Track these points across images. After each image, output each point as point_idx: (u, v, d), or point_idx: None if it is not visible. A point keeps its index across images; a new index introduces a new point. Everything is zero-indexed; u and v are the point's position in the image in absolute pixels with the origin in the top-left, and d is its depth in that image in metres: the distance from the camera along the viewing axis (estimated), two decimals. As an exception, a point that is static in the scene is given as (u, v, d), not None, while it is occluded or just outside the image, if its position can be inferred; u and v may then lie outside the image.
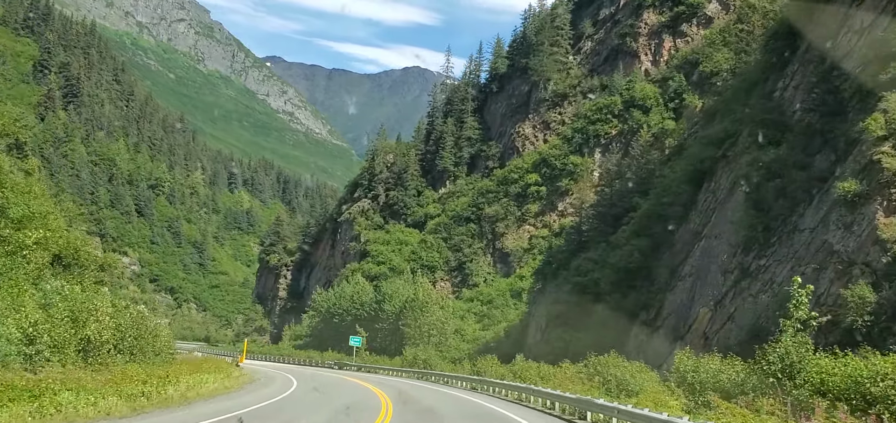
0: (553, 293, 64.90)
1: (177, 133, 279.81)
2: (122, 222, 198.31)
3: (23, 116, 64.81)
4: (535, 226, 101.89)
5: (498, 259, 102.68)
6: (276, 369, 65.38)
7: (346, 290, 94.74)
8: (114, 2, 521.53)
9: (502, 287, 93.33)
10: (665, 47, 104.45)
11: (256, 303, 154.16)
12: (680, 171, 57.79)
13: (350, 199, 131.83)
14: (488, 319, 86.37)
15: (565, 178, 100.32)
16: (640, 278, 54.97)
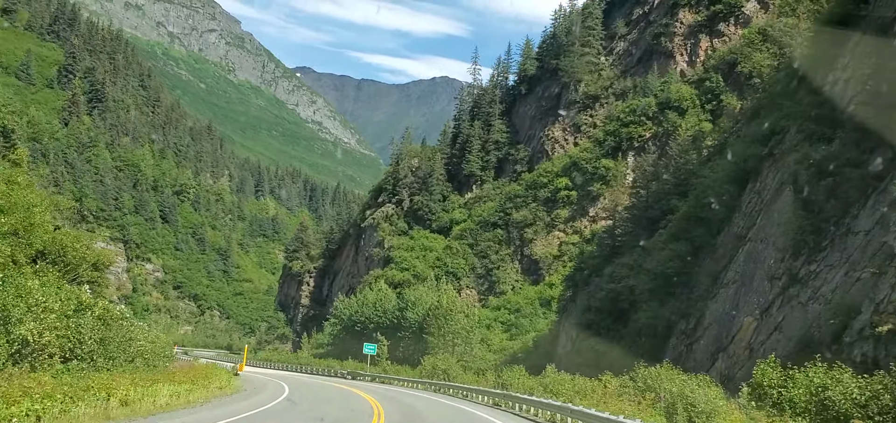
0: (585, 301, 61.67)
1: (204, 140, 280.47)
2: (146, 229, 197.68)
3: (11, 101, 62.40)
4: (565, 232, 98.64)
5: (526, 266, 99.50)
6: (279, 377, 62.46)
7: (368, 297, 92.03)
8: (145, 12, 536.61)
9: (531, 295, 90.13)
10: (701, 47, 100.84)
11: (279, 310, 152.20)
12: (722, 170, 54.36)
13: (374, 204, 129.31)
14: (516, 328, 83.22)
15: (597, 182, 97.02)
16: (678, 285, 51.62)
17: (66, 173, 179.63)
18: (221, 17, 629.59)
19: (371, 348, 72.54)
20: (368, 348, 72.52)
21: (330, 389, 47.18)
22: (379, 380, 66.43)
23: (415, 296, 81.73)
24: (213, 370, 44.32)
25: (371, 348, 72.49)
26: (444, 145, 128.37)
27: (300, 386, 48.69)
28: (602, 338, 55.91)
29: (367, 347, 72.23)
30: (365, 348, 72.26)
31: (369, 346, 72.83)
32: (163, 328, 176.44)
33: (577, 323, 61.86)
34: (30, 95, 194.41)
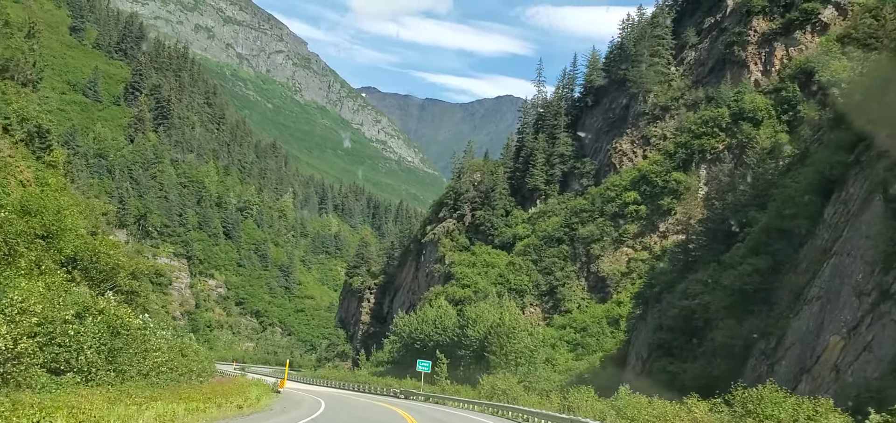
0: (656, 320, 58.80)
1: (269, 158, 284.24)
2: (210, 245, 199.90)
3: (47, 101, 62.07)
4: (633, 248, 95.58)
5: (592, 283, 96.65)
6: (323, 395, 60.55)
7: (428, 314, 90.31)
8: (215, 34, 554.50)
9: (598, 314, 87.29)
10: (776, 56, 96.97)
11: (339, 327, 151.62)
12: (804, 180, 51.22)
13: (435, 219, 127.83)
14: (582, 348, 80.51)
15: (667, 196, 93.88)
16: (757, 302, 48.57)
17: (131, 189, 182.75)
18: (289, 38, 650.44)
19: (425, 365, 70.32)
20: (422, 365, 70.33)
21: (371, 408, 44.90)
22: (433, 400, 63.77)
23: (476, 313, 79.63)
24: (247, 386, 42.48)
25: (425, 366, 70.27)
26: (507, 159, 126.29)
27: (339, 405, 46.36)
28: (674, 358, 53.12)
29: (420, 364, 70.15)
30: (419, 365, 70.25)
31: (423, 363, 70.66)
32: (224, 345, 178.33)
33: (648, 342, 59.09)
34: (96, 112, 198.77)
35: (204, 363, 46.97)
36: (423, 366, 70.54)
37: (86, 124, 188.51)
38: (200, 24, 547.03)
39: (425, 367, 70.51)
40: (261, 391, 41.66)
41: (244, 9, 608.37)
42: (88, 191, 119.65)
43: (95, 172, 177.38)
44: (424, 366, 70.53)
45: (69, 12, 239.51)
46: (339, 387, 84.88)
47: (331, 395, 61.03)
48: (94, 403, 19.46)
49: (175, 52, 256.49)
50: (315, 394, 59.80)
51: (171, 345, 38.04)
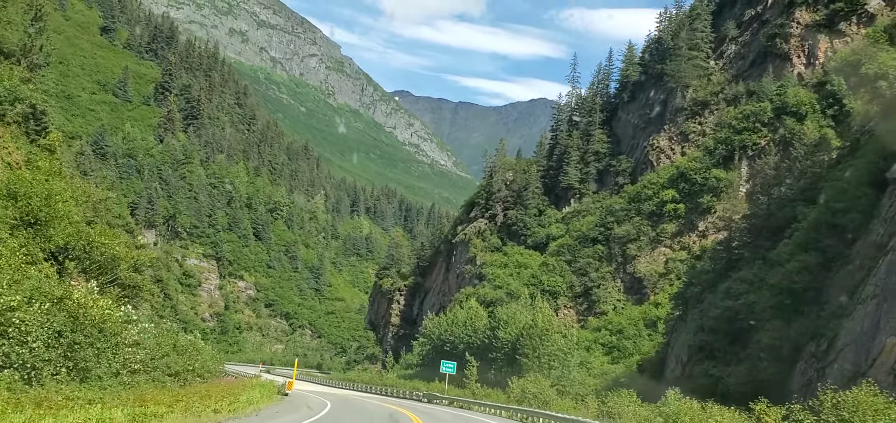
0: (696, 321, 56.27)
1: (301, 160, 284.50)
2: (239, 246, 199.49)
3: (43, 80, 60.13)
4: (671, 248, 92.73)
5: (629, 284, 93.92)
6: (336, 397, 57.91)
7: (458, 316, 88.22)
8: (249, 38, 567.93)
9: (634, 316, 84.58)
10: (821, 48, 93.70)
11: (368, 329, 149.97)
12: (856, 173, 48.50)
13: (466, 219, 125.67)
14: (618, 351, 77.90)
15: (707, 194, 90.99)
16: (807, 301, 45.97)
17: (161, 190, 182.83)
18: (322, 42, 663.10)
19: (449, 366, 66.97)
20: (446, 366, 67.00)
21: (378, 414, 42.49)
22: (458, 404, 60.45)
23: (507, 315, 77.37)
24: (244, 388, 39.50)
25: (449, 367, 66.86)
26: (540, 157, 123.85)
27: (347, 409, 43.19)
28: (717, 362, 50.64)
29: (444, 365, 67.00)
30: (443, 366, 67.14)
31: (447, 364, 67.31)
32: (252, 347, 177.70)
33: (688, 345, 56.59)
34: (126, 112, 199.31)
35: (208, 363, 44.98)
36: (448, 368, 67.09)
37: (115, 124, 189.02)
38: (234, 28, 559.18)
39: (450, 369, 67.02)
40: (260, 394, 38.96)
41: (278, 13, 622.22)
42: (101, 182, 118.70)
43: (124, 172, 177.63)
44: (449, 368, 67.05)
45: (100, 13, 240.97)
46: (360, 390, 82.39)
47: (344, 398, 58.13)
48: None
49: (205, 53, 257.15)
50: (326, 397, 57.37)
51: (160, 341, 35.42)
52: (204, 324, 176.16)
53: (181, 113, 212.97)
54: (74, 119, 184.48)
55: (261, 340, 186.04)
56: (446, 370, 66.92)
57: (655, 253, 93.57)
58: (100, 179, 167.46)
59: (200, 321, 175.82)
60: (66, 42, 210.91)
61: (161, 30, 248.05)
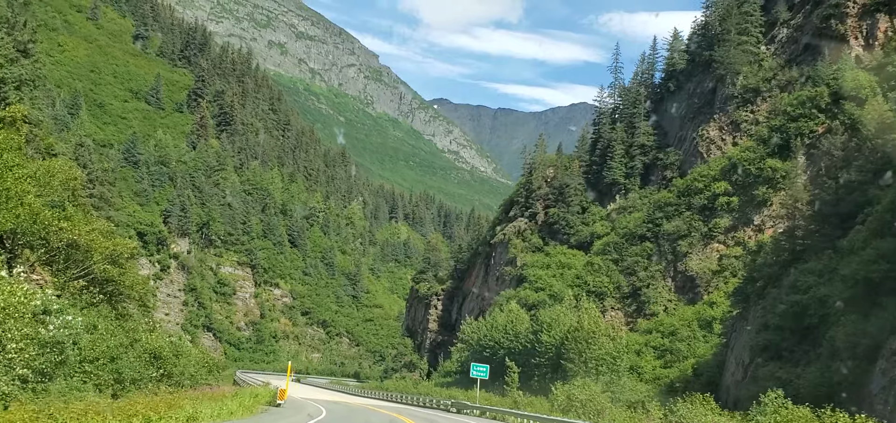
0: (759, 319, 51.89)
1: (338, 166, 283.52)
2: (274, 253, 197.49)
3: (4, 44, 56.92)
4: (725, 243, 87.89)
5: (680, 283, 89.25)
6: (338, 408, 52.91)
7: (497, 319, 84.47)
8: (288, 50, 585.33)
9: (687, 316, 79.94)
10: (880, 28, 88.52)
11: (406, 336, 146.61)
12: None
13: (505, 219, 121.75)
14: (671, 354, 73.34)
15: (762, 185, 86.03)
16: (885, 292, 41.42)
17: (194, 197, 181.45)
18: (360, 52, 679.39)
19: (481, 370, 59.86)
20: (477, 370, 59.92)
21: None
22: (491, 415, 53.34)
23: (551, 317, 73.47)
24: (224, 398, 34.53)
25: (480, 371, 59.75)
26: (582, 153, 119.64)
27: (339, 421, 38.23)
28: (784, 362, 46.21)
29: (475, 369, 60.29)
30: (473, 370, 60.38)
31: (479, 368, 60.27)
32: (287, 355, 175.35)
33: (750, 346, 52.19)
34: (159, 119, 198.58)
35: (192, 369, 41.44)
36: (479, 372, 59.71)
37: (147, 132, 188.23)
38: (273, 41, 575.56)
39: (481, 373, 59.68)
40: (237, 405, 33.95)
41: (316, 24, 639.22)
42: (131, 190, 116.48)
43: (157, 179, 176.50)
44: (480, 372, 59.70)
45: (134, 22, 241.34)
46: (386, 399, 78.31)
47: (349, 408, 53.40)
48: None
49: (238, 58, 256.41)
50: (333, 407, 52.89)
51: (100, 341, 30.29)
52: (239, 333, 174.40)
53: (214, 119, 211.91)
54: (106, 127, 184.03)
55: (297, 348, 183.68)
56: (477, 374, 60.07)
57: (708, 249, 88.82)
58: (129, 187, 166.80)
59: (235, 330, 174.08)
60: (98, 50, 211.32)
61: (194, 36, 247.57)
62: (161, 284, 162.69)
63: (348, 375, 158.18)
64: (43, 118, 56.30)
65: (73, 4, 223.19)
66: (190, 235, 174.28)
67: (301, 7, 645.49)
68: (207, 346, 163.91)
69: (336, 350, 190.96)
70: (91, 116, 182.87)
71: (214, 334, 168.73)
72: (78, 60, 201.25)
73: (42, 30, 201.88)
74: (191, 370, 41.38)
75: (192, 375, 40.39)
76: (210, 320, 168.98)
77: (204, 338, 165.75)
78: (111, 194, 65.62)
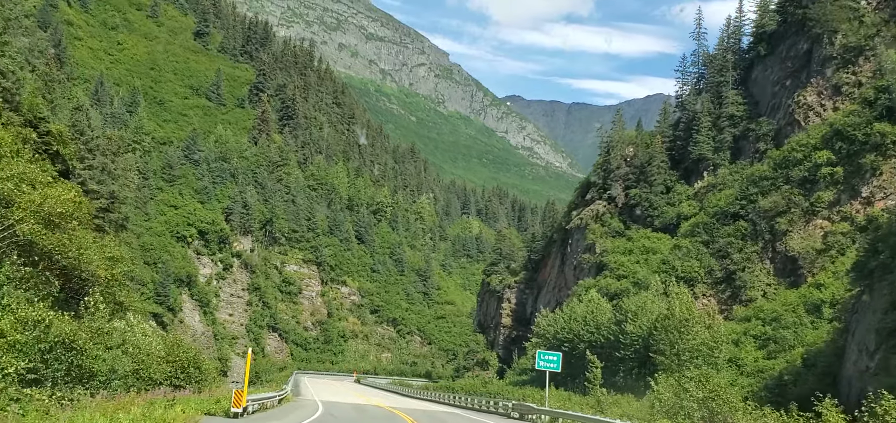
0: (886, 297, 44.60)
1: (407, 162, 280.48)
2: (341, 250, 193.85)
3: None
4: (829, 219, 79.76)
5: (780, 265, 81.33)
6: (352, 412, 46.33)
7: (576, 310, 78.07)
8: (358, 51, 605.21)
9: (791, 300, 72.18)
10: None
11: (477, 332, 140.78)
12: None
13: (581, 203, 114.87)
14: (775, 343, 65.80)
15: (869, 153, 77.72)
16: None
17: (256, 193, 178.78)
18: (430, 50, 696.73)
19: (549, 359, 47.79)
20: (545, 359, 47.86)
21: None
22: (566, 421, 43.17)
23: (636, 305, 66.83)
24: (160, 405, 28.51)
25: (549, 360, 47.66)
26: (664, 127, 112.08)
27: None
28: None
29: (541, 358, 48.13)
30: (538, 360, 48.41)
31: (546, 357, 48.27)
32: (355, 355, 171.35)
33: (876, 329, 44.92)
34: (220, 116, 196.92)
35: (155, 366, 35.49)
36: (548, 362, 47.68)
37: (208, 129, 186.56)
38: (344, 43, 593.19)
39: (550, 363, 47.58)
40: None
41: (386, 25, 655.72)
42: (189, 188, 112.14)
43: (217, 176, 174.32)
44: (549, 362, 47.57)
45: (195, 19, 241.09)
46: (436, 401, 71.08)
47: (366, 413, 46.13)
48: None
49: (301, 52, 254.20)
50: (342, 410, 46.92)
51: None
52: (306, 333, 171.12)
53: (276, 114, 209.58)
54: (166, 125, 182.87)
55: (367, 348, 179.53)
56: (545, 365, 48.05)
57: (810, 226, 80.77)
58: (189, 185, 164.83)
59: (302, 330, 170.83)
60: (158, 47, 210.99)
61: (255, 31, 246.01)
62: (223, 283, 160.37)
63: (419, 374, 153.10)
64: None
65: (132, 3, 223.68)
66: (253, 232, 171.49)
67: (370, 8, 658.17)
68: (273, 347, 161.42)
69: (406, 349, 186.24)
70: (151, 113, 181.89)
71: (280, 335, 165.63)
72: (137, 58, 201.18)
73: (101, 28, 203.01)
74: (153, 367, 35.53)
75: (135, 375, 33.99)
76: (275, 321, 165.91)
77: (269, 339, 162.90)
78: (115, 166, 61.17)
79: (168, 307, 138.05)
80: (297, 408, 45.91)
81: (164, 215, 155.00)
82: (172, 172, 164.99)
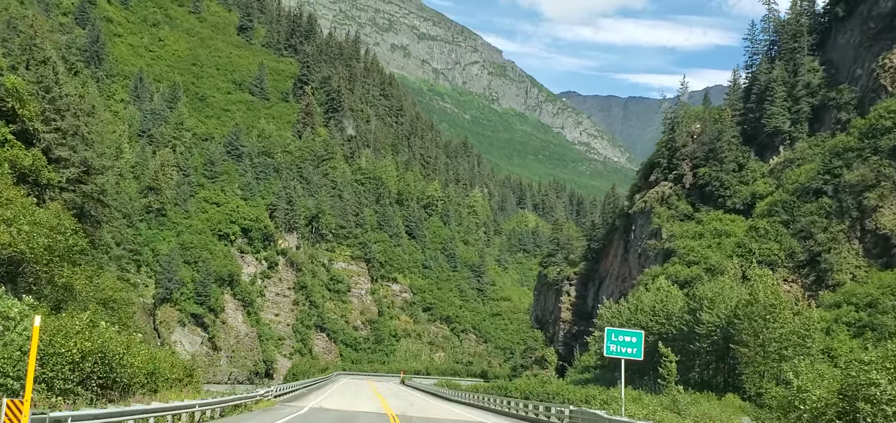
0: None
1: (460, 157, 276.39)
2: (391, 246, 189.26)
3: None
4: (927, 192, 72.55)
5: (871, 244, 74.12)
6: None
7: (643, 299, 71.91)
8: (411, 52, 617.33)
9: (886, 282, 65.19)
10: None
11: (535, 328, 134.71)
12: None
13: (645, 185, 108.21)
14: (873, 331, 58.99)
15: (970, 116, 70.45)
16: None
17: (301, 189, 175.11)
18: (483, 48, 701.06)
19: (627, 341, 34.55)
20: (618, 341, 34.61)
21: None
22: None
23: (713, 291, 60.51)
24: None
25: (627, 343, 34.48)
26: (733, 100, 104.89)
27: None
28: None
29: (612, 337, 34.52)
30: (608, 343, 34.58)
31: (621, 337, 35.04)
32: (405, 354, 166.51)
33: None
34: (263, 110, 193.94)
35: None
36: (623, 345, 34.50)
37: (251, 123, 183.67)
38: (396, 44, 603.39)
39: (627, 347, 34.41)
40: None
41: (438, 24, 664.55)
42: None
43: (261, 172, 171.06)
44: (625, 344, 34.44)
45: (239, 14, 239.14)
46: (478, 406, 61.91)
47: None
48: None
49: (346, 42, 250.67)
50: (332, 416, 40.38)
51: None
52: (356, 332, 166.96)
53: (321, 107, 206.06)
54: (208, 120, 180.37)
55: (419, 347, 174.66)
56: (620, 350, 34.64)
57: (905, 201, 73.58)
58: (232, 181, 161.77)
59: (352, 330, 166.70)
60: (200, 43, 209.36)
61: (299, 24, 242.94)
62: (268, 282, 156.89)
63: (474, 374, 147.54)
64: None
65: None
66: (298, 229, 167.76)
67: (422, 8, 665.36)
68: (321, 348, 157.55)
69: (461, 348, 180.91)
70: (192, 109, 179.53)
71: (328, 335, 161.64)
72: (179, 54, 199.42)
73: (142, 25, 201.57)
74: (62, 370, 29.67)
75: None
76: (323, 320, 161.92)
77: (317, 339, 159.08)
78: (89, 130, 55.22)
79: (209, 308, 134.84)
80: (265, 413, 39.86)
81: (205, 212, 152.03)
82: (214, 168, 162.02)
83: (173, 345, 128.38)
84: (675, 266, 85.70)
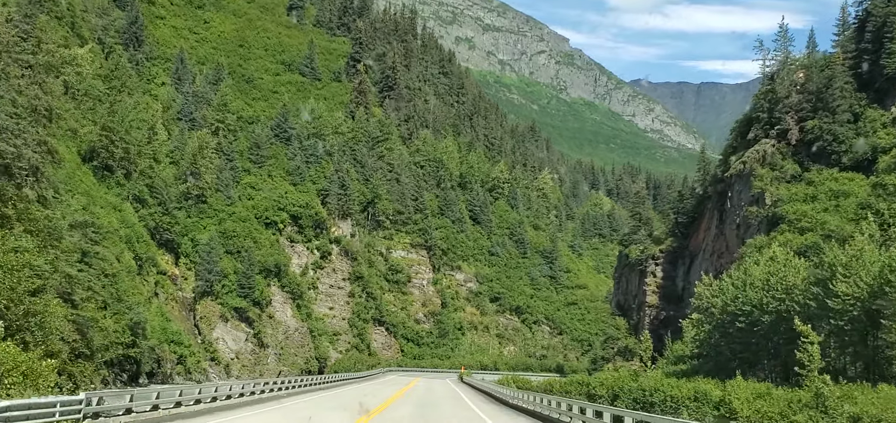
0: None
1: (528, 142, 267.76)
2: (454, 232, 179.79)
3: None
4: None
5: None
6: None
7: (752, 273, 60.99)
8: (476, 43, 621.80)
9: None
10: None
11: (616, 315, 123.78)
12: None
13: (741, 145, 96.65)
14: None
15: None
16: None
17: (355, 172, 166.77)
18: (549, 37, 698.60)
19: None
20: None
21: None
22: None
23: (847, 256, 49.51)
24: None
25: None
26: (843, 41, 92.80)
27: None
28: None
29: None
30: None
31: None
32: (472, 349, 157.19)
33: None
34: (314, 91, 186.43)
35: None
36: None
37: (301, 105, 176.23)
38: (461, 36, 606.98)
39: None
40: None
41: (502, 15, 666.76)
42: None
43: (311, 156, 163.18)
44: None
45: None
46: (535, 407, 46.00)
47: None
48: None
49: (401, 18, 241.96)
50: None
51: None
52: (418, 326, 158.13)
53: (376, 86, 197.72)
54: (255, 103, 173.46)
55: (487, 340, 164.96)
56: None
57: None
58: (280, 166, 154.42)
59: (413, 324, 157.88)
60: (248, 24, 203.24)
61: (352, 2, 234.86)
62: (322, 273, 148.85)
63: (549, 369, 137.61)
64: None
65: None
66: (352, 215, 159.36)
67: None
68: (380, 343, 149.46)
69: (533, 341, 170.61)
70: (239, 91, 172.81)
71: (387, 329, 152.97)
72: (225, 36, 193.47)
73: (186, 7, 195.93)
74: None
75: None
76: (381, 313, 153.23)
77: (375, 334, 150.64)
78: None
79: (253, 301, 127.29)
80: None
81: (250, 198, 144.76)
82: (260, 152, 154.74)
83: (215, 342, 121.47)
84: (784, 235, 74.40)
